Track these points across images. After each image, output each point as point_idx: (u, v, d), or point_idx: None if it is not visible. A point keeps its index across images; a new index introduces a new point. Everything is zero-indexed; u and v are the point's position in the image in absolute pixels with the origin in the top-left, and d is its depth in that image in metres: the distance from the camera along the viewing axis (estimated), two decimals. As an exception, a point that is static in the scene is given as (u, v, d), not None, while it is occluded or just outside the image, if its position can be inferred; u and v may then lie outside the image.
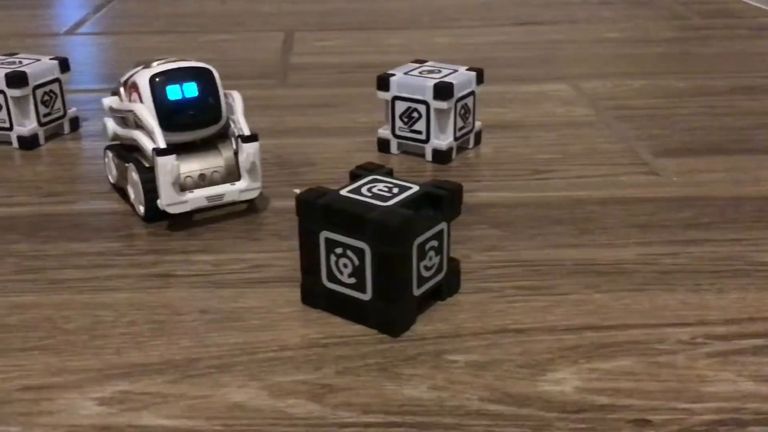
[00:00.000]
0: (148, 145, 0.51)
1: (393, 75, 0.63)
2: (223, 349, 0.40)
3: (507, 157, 0.64)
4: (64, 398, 0.36)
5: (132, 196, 0.54)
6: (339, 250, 0.40)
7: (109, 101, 0.56)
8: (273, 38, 1.05)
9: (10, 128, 0.66)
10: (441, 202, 0.41)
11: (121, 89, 0.55)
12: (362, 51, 0.99)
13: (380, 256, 0.39)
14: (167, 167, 0.49)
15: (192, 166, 0.53)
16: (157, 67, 0.52)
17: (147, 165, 0.52)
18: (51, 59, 0.68)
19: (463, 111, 0.63)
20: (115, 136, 0.56)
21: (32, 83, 0.65)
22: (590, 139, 0.67)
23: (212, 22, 1.15)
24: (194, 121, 0.53)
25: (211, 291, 0.45)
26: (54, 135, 0.69)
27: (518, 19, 1.17)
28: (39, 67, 0.67)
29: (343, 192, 0.41)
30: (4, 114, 0.66)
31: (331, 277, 0.41)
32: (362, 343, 0.40)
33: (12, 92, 0.65)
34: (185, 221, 0.53)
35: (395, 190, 0.42)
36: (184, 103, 0.52)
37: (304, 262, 0.42)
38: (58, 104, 0.69)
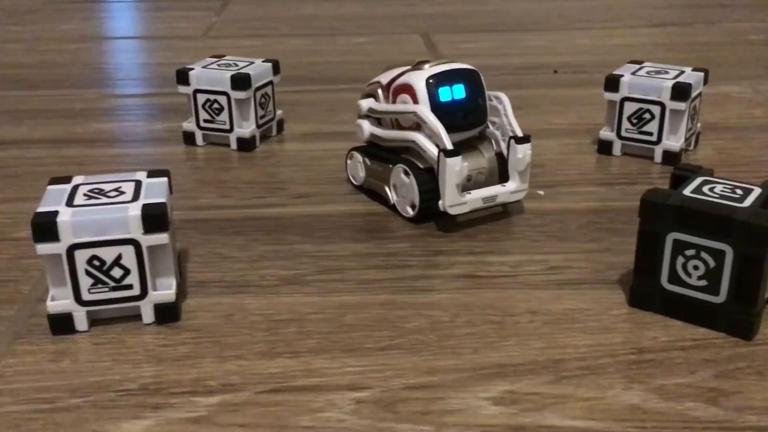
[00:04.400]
0: (429, 146, 0.51)
1: (621, 76, 0.63)
2: (580, 350, 0.39)
3: (736, 159, 0.64)
4: (455, 398, 0.36)
5: (394, 197, 0.54)
6: (690, 252, 0.40)
7: (367, 103, 0.56)
8: (411, 40, 1.05)
9: (230, 130, 0.66)
10: (788, 203, 0.41)
11: (379, 91, 0.55)
12: (510, 53, 0.99)
13: (746, 258, 0.38)
14: (455, 168, 0.49)
15: None
16: (430, 69, 0.52)
17: (422, 166, 0.52)
18: (263, 61, 0.69)
19: (693, 112, 0.63)
20: (373, 138, 0.56)
21: (254, 85, 0.66)
22: (812, 142, 0.67)
23: (339, 24, 1.15)
24: (464, 123, 0.53)
25: (527, 292, 0.45)
26: (264, 137, 0.70)
27: (649, 21, 1.16)
28: (257, 69, 0.67)
29: (687, 193, 0.41)
30: (224, 116, 0.66)
31: (674, 279, 0.41)
32: (719, 347, 0.40)
33: (236, 94, 0.65)
34: (450, 223, 0.53)
35: (739, 192, 0.41)
36: (456, 105, 0.52)
37: (641, 263, 0.42)
38: (270, 106, 0.69)
